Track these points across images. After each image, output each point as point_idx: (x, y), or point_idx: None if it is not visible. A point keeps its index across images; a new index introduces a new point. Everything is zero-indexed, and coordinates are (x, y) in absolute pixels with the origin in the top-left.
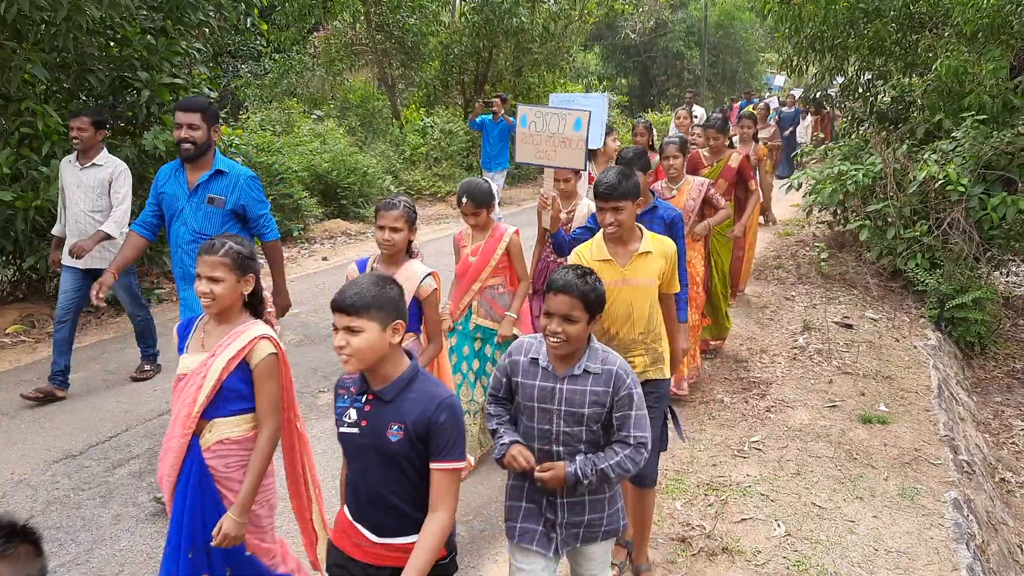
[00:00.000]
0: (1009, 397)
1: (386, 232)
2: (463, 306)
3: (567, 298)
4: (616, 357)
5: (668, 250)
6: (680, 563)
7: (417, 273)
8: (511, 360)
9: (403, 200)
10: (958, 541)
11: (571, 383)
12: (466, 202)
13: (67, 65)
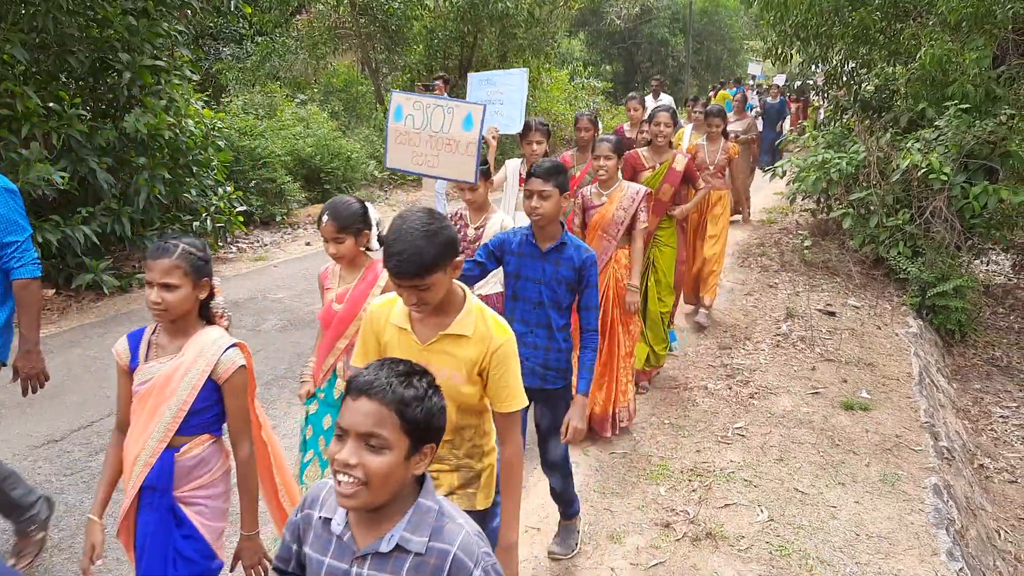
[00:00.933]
0: (988, 384)
1: (155, 291)
2: (327, 368)
3: (371, 406)
4: (461, 526)
5: (498, 344)
6: (664, 548)
7: (212, 345)
8: (302, 516)
9: (183, 244)
10: (938, 526)
11: (375, 567)
12: (326, 222)
13: (47, 46)
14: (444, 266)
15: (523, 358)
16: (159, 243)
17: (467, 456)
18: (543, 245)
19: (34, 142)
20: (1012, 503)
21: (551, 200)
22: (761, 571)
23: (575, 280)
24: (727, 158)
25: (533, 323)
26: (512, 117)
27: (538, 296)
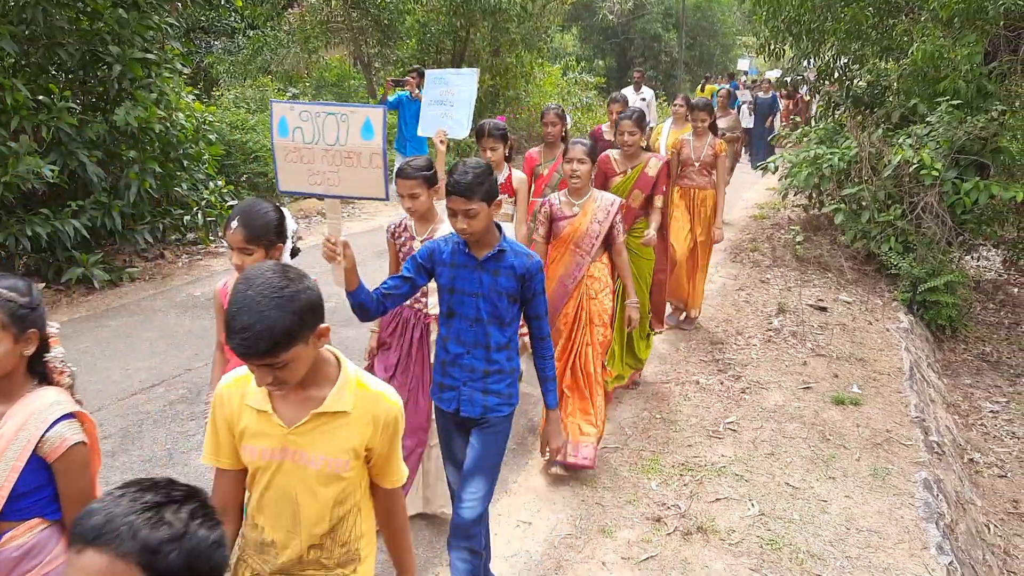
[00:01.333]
0: (978, 379)
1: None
2: None
3: (102, 562)
4: None
5: (386, 411)
6: (655, 542)
7: (39, 416)
8: None
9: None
10: (928, 520)
11: None
12: (235, 229)
13: (36, 38)
14: (304, 338)
15: (460, 383)
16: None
17: (340, 565)
18: (479, 253)
19: (23, 135)
20: (1001, 497)
21: (479, 217)
22: (752, 565)
23: (517, 291)
24: (713, 155)
25: (470, 343)
26: (460, 120)
27: (475, 311)
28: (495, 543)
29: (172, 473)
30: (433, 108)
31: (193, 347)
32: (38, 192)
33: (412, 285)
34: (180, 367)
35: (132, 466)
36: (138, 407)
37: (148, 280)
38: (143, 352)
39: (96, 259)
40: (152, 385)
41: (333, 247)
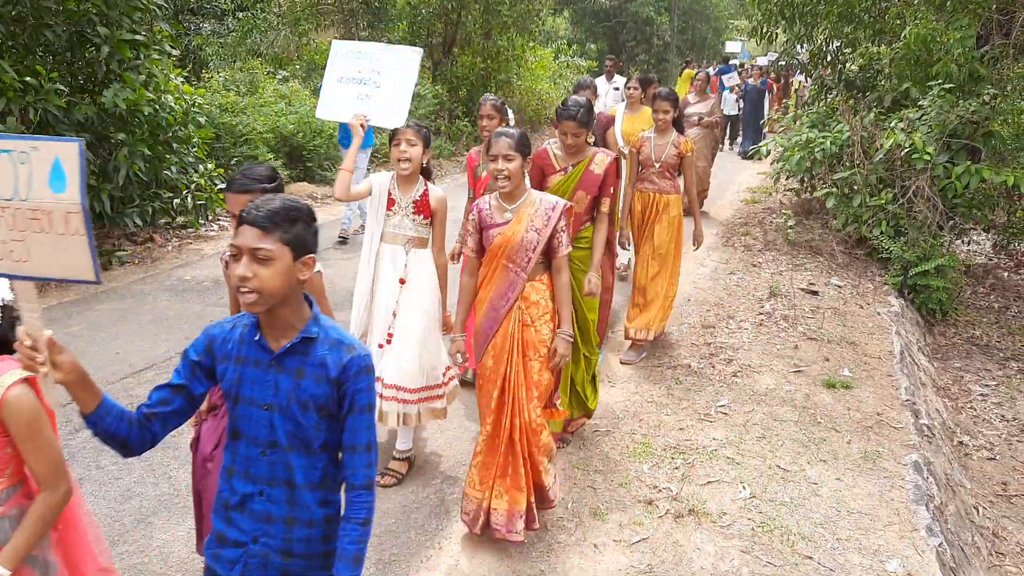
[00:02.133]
0: (968, 363)
1: None
2: None
3: None
4: None
5: None
6: (647, 525)
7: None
8: None
9: None
10: (917, 502)
11: None
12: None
13: (23, 19)
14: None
15: (250, 538)
16: None
17: None
18: (275, 341)
19: (11, 117)
20: (990, 480)
21: (273, 268)
22: (743, 547)
23: (331, 399)
24: (678, 155)
25: (264, 479)
26: (390, 108)
27: (269, 432)
28: None
29: (163, 456)
30: (347, 88)
31: (184, 331)
32: None
33: (188, 396)
34: (171, 350)
35: None
36: (129, 391)
37: (138, 264)
38: (133, 336)
39: None
40: (143, 369)
41: (32, 352)
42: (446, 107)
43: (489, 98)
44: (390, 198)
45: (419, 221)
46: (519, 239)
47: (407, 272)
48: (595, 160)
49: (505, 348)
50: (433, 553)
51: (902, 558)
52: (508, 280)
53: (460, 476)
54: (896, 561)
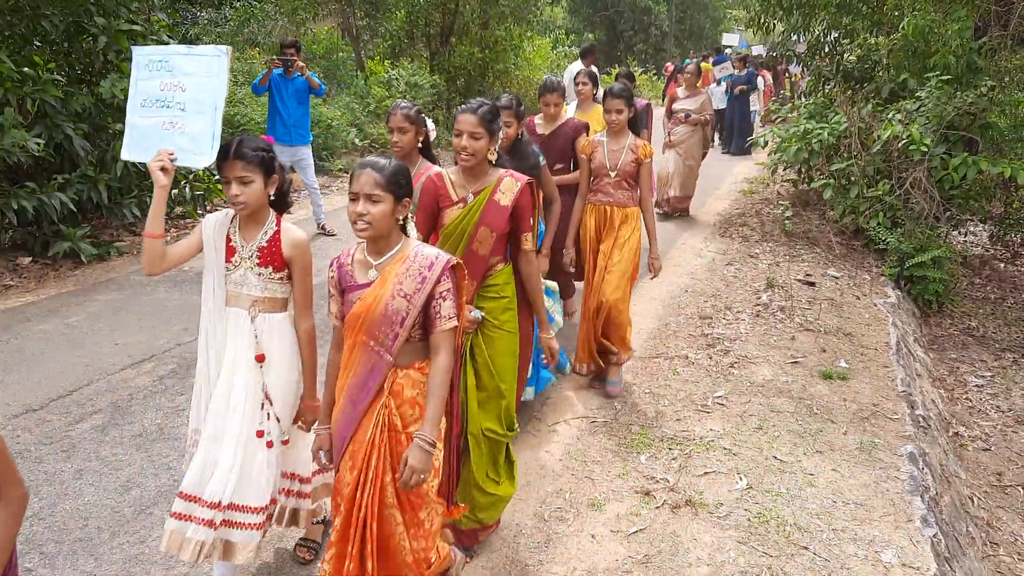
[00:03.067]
0: (964, 354)
1: None
2: None
3: None
4: None
5: None
6: (644, 515)
7: None
8: None
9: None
10: (913, 493)
11: None
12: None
13: (20, 9)
14: None
15: None
16: None
17: None
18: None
19: (8, 108)
20: (985, 470)
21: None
22: (740, 537)
23: None
24: (635, 161)
25: None
26: (199, 139)
27: None
28: None
29: (163, 448)
30: (150, 115)
31: (183, 322)
32: (24, 165)
33: None
34: (170, 342)
35: (123, 440)
36: (128, 382)
37: (136, 254)
38: (132, 327)
39: (83, 233)
40: (142, 360)
41: None
42: (444, 97)
43: (401, 105)
44: (229, 245)
45: (268, 275)
46: (382, 308)
47: (260, 345)
48: (501, 187)
49: (362, 459)
50: None
51: (897, 548)
52: (369, 363)
53: None
54: (891, 551)
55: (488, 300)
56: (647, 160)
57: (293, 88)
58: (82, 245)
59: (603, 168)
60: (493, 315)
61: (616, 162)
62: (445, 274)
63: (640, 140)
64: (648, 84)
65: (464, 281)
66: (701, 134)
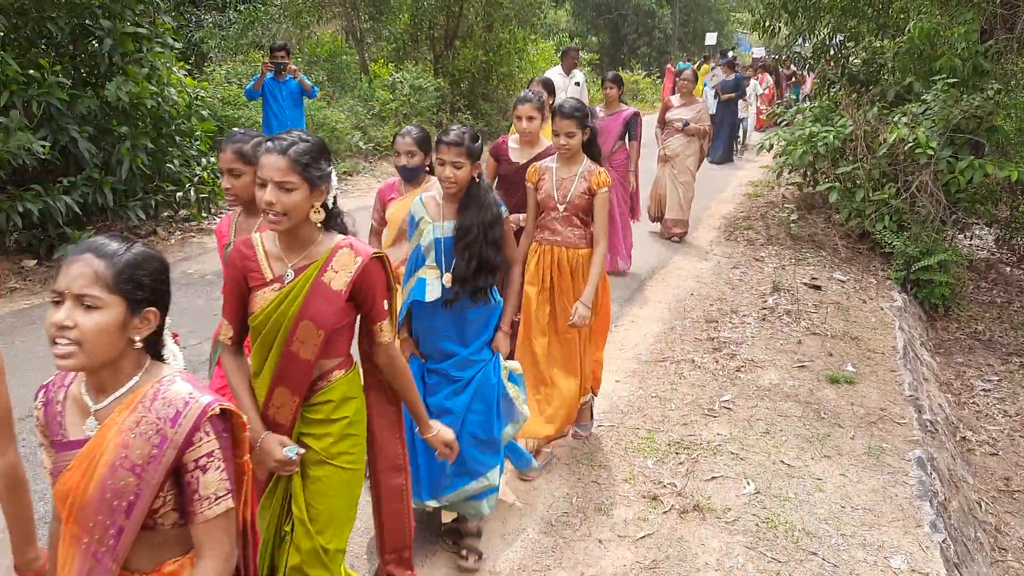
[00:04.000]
0: (970, 358)
1: None
2: None
3: None
4: None
5: None
6: (651, 520)
7: None
8: None
9: None
10: (922, 498)
11: None
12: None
13: (25, 12)
14: None
15: None
16: None
17: None
18: None
19: (14, 110)
20: (993, 475)
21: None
22: (748, 543)
23: None
24: (588, 192)
25: None
26: None
27: None
28: (492, 521)
29: None
30: None
31: (189, 325)
32: (29, 168)
33: None
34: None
35: None
36: None
37: None
38: None
39: (88, 236)
40: None
41: None
42: (448, 100)
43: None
44: None
45: None
46: (96, 487)
47: None
48: (334, 263)
49: None
50: (437, 548)
51: (906, 554)
52: (84, 570)
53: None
54: (900, 557)
55: (315, 426)
56: (601, 191)
57: (287, 91)
58: None
59: (550, 200)
60: (322, 448)
61: (565, 193)
62: (203, 429)
63: (596, 167)
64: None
65: (244, 432)
66: (698, 146)
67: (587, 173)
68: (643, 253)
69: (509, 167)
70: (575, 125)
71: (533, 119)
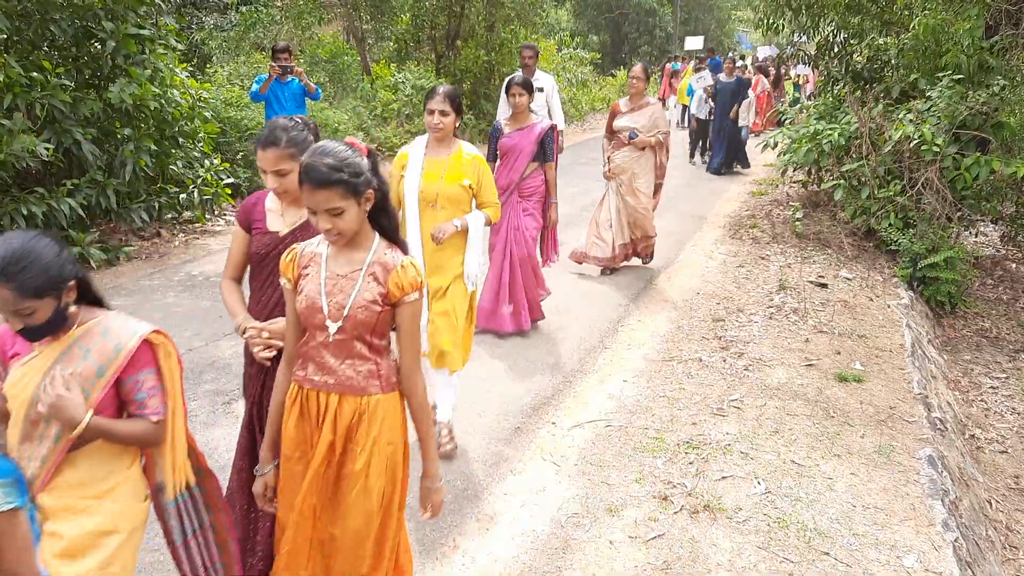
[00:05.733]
0: (978, 355)
1: None
2: None
3: None
4: None
5: None
6: (662, 521)
7: None
8: None
9: None
10: (933, 497)
11: None
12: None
13: (28, 14)
14: None
15: None
16: None
17: None
18: None
19: (17, 112)
20: (1003, 473)
21: None
22: (759, 543)
23: None
24: (381, 301)
25: None
26: None
27: None
28: (501, 522)
29: None
30: None
31: (193, 327)
32: (32, 170)
33: None
34: (180, 347)
35: None
36: None
37: (145, 259)
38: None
39: (92, 238)
40: None
41: None
42: None
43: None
44: None
45: None
46: None
47: None
48: None
49: None
50: (448, 550)
51: (919, 553)
52: None
53: (475, 472)
54: (913, 556)
55: None
56: (408, 299)
57: (289, 92)
58: (91, 250)
59: (315, 312)
60: None
61: (342, 302)
62: None
63: (397, 254)
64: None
65: None
66: (653, 163)
67: (380, 264)
68: None
69: None
70: (339, 195)
71: None
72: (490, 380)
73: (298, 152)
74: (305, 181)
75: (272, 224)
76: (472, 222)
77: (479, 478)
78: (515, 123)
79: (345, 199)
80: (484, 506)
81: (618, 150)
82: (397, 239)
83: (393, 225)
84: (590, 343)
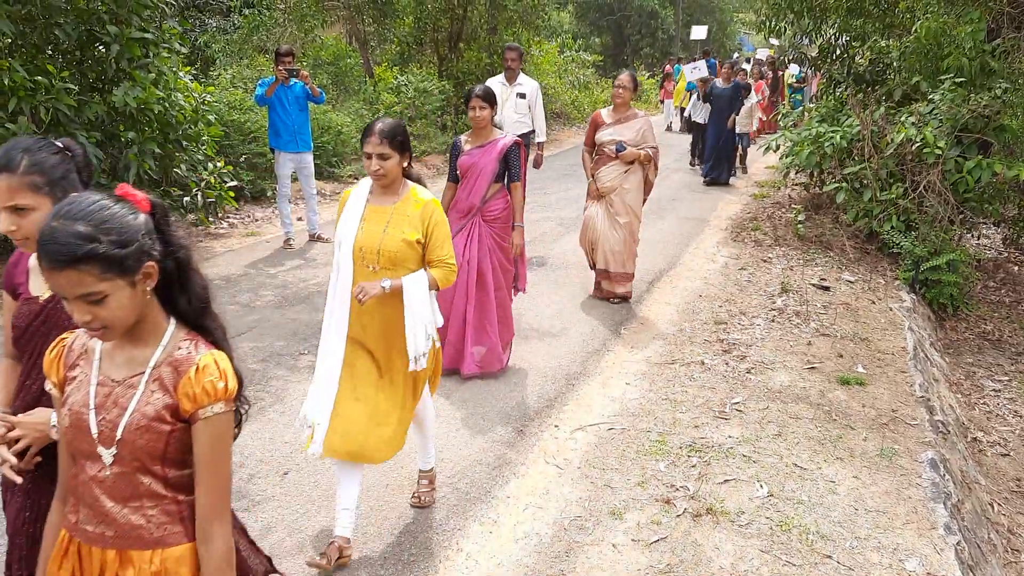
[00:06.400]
0: (980, 358)
1: None
2: None
3: None
4: None
5: None
6: (665, 524)
7: None
8: None
9: None
10: (935, 500)
11: None
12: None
13: (33, 18)
14: None
15: None
16: None
17: None
18: None
19: (22, 116)
20: (1005, 476)
21: None
22: (762, 546)
23: None
24: (165, 416)
25: None
26: None
27: None
28: (504, 525)
29: None
30: None
31: None
32: None
33: None
34: None
35: None
36: None
37: None
38: None
39: None
40: None
41: None
42: (452, 103)
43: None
44: None
45: None
46: None
47: None
48: None
49: None
50: (451, 553)
51: (921, 556)
52: None
53: (477, 475)
54: (915, 560)
55: None
56: (208, 413)
57: (292, 95)
58: None
59: (83, 434)
60: None
61: (115, 419)
62: None
63: (190, 346)
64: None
65: None
66: (641, 177)
67: (170, 365)
68: (649, 254)
69: None
70: (30, 191)
71: None
72: (490, 381)
73: (44, 183)
74: (43, 257)
75: (35, 287)
76: (409, 285)
77: (482, 481)
78: (476, 139)
79: (106, 280)
80: (487, 510)
81: (603, 166)
82: (204, 324)
83: (197, 306)
84: (592, 346)
